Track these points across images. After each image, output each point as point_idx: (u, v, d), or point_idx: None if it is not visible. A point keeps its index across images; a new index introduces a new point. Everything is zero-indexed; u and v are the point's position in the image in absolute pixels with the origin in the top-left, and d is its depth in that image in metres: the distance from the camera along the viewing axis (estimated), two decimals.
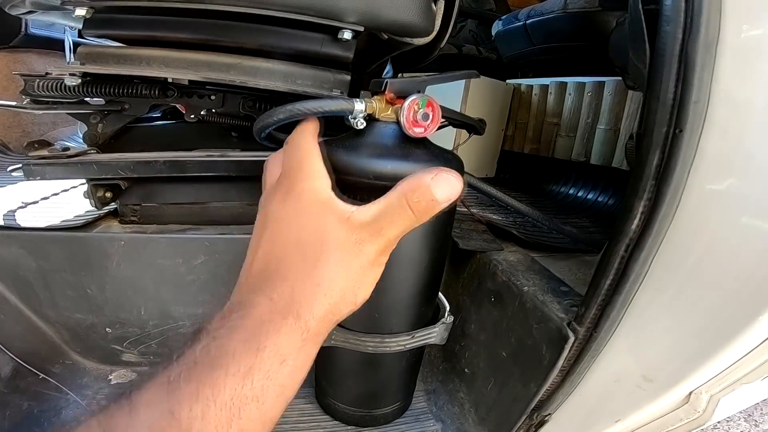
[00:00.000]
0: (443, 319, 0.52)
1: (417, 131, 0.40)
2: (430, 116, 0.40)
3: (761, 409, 1.15)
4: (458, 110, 0.70)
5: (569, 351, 0.42)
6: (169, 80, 0.62)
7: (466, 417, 0.62)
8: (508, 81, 1.23)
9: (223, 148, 0.66)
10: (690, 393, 0.39)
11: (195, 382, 0.23)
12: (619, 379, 0.42)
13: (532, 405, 0.50)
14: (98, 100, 0.63)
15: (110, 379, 0.71)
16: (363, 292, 0.30)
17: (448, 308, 0.54)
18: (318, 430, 0.60)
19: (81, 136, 1.32)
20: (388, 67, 1.13)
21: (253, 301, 0.27)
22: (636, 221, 0.34)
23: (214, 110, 0.64)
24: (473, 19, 1.60)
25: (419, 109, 0.39)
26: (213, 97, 0.64)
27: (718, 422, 1.08)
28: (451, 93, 1.12)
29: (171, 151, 0.63)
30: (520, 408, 0.51)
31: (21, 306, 0.68)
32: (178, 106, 0.83)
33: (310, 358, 0.28)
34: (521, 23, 1.10)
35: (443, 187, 0.31)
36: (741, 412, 1.13)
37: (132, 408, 0.23)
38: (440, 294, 0.55)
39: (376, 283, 0.44)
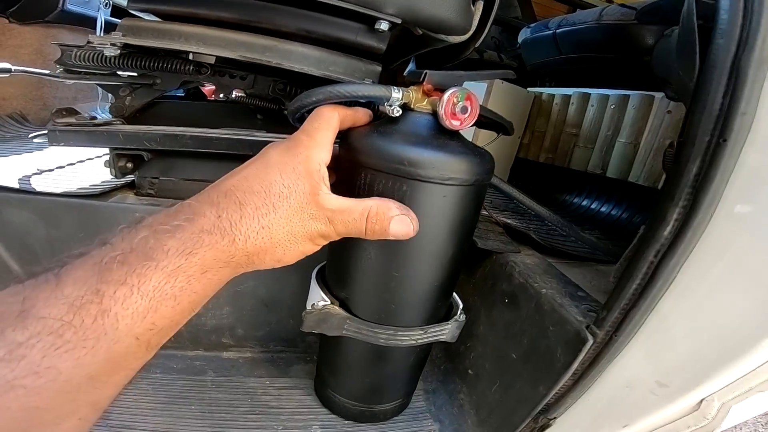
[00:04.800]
0: (456, 317, 0.52)
1: (454, 123, 0.41)
2: (469, 110, 0.40)
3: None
4: None
5: (585, 354, 0.42)
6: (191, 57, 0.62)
7: (465, 418, 0.62)
8: (529, 89, 1.23)
9: (248, 128, 0.66)
10: (702, 400, 0.39)
11: (126, 266, 0.25)
12: (632, 383, 0.42)
13: (539, 408, 0.50)
14: (131, 73, 0.63)
15: None
16: (288, 256, 0.34)
17: (461, 306, 0.54)
18: (314, 423, 0.59)
19: (101, 110, 1.33)
20: (411, 65, 1.13)
21: (204, 210, 0.29)
22: (669, 227, 0.35)
23: (244, 91, 0.65)
24: (497, 25, 1.60)
25: (458, 101, 0.40)
26: (244, 78, 0.64)
27: None
28: None
29: (194, 128, 0.63)
30: (525, 410, 0.51)
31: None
32: (202, 89, 0.84)
33: (222, 280, 0.30)
34: (551, 32, 1.10)
35: (400, 226, 0.36)
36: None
37: (59, 282, 0.24)
38: (454, 293, 0.55)
39: (394, 272, 0.44)
